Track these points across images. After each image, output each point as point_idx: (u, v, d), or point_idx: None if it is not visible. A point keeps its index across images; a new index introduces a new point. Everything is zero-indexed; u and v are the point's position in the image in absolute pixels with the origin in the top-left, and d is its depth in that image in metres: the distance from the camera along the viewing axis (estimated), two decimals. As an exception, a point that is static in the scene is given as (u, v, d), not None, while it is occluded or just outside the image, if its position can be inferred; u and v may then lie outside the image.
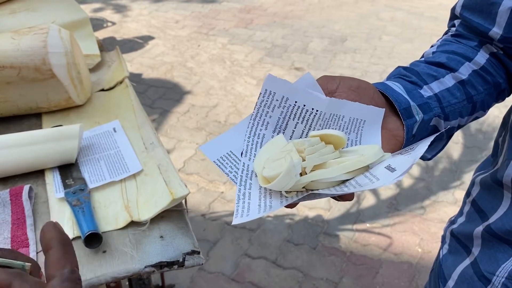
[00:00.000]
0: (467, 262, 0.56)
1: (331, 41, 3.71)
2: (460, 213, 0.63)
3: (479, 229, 0.54)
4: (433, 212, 1.98)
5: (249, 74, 3.15)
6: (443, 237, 0.65)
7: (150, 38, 3.76)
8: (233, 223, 0.38)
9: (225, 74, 3.16)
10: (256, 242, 1.81)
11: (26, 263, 0.38)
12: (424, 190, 2.12)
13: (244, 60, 3.36)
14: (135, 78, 3.07)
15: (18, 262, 0.38)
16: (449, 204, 2.02)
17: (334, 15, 4.28)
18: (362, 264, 1.72)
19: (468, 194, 0.61)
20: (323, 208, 1.98)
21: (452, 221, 0.65)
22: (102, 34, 3.78)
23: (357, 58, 3.43)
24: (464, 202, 0.63)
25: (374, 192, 2.09)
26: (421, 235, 1.85)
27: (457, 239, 0.61)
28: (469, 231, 0.57)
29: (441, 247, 0.65)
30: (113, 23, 4.05)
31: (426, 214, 1.97)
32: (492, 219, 0.52)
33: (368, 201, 2.04)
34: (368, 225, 1.91)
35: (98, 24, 4.01)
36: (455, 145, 2.41)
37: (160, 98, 2.85)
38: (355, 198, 2.05)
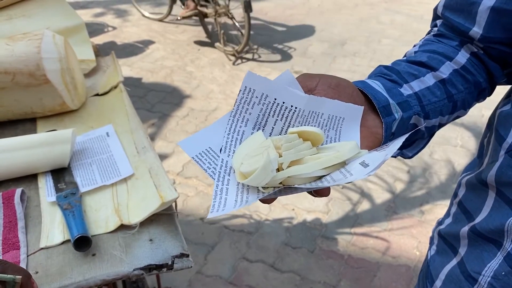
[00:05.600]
0: (454, 262, 0.57)
1: (331, 44, 3.72)
2: (447, 214, 0.63)
3: (465, 229, 0.55)
4: (431, 215, 1.98)
5: (248, 78, 3.16)
6: (431, 238, 0.66)
7: (150, 42, 3.78)
8: (208, 217, 0.38)
9: (225, 78, 3.17)
10: (254, 245, 1.81)
11: (17, 276, 0.39)
12: (422, 193, 2.11)
13: (243, 64, 3.37)
14: (135, 82, 3.08)
15: (9, 276, 0.39)
16: (447, 207, 2.01)
17: (333, 18, 4.29)
18: (360, 267, 1.72)
19: (455, 195, 0.62)
20: (321, 211, 1.99)
21: (439, 222, 0.65)
22: (102, 38, 3.80)
23: (356, 61, 3.43)
24: (451, 203, 0.63)
25: (372, 195, 2.09)
26: (419, 238, 1.85)
27: (444, 239, 0.61)
28: (456, 231, 0.57)
29: (429, 248, 0.65)
30: (114, 28, 4.08)
31: (424, 217, 1.97)
32: (478, 219, 0.53)
33: (366, 204, 2.04)
34: (366, 228, 1.91)
35: (98, 29, 4.03)
36: (454, 148, 2.40)
37: (159, 102, 2.86)
38: (353, 201, 2.05)
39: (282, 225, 1.91)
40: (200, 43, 3.76)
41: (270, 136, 0.43)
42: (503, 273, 0.48)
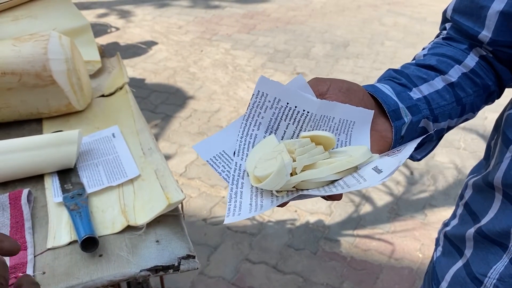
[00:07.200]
0: (459, 264, 0.57)
1: (334, 46, 3.72)
2: (453, 215, 0.63)
3: (471, 231, 0.55)
4: (434, 217, 1.98)
5: (251, 79, 3.16)
6: (437, 240, 0.66)
7: (153, 43, 3.78)
8: (224, 223, 0.39)
9: (228, 79, 3.17)
10: (256, 246, 1.81)
11: None
12: (425, 196, 2.11)
13: (246, 65, 3.37)
14: (138, 83, 3.09)
15: None
16: (450, 210, 2.02)
17: (336, 20, 4.30)
18: (363, 269, 1.72)
19: (461, 196, 0.62)
20: (324, 213, 1.99)
21: (445, 224, 0.65)
22: (105, 39, 3.81)
23: (359, 63, 3.43)
24: (457, 205, 0.63)
25: (375, 197, 2.09)
26: (422, 240, 1.85)
27: (450, 241, 0.61)
28: (462, 233, 0.57)
29: (435, 250, 0.65)
30: (117, 29, 4.08)
31: (427, 219, 1.97)
32: (484, 221, 0.53)
33: (369, 206, 2.04)
34: (369, 230, 1.91)
35: (102, 29, 4.04)
36: (457, 151, 2.40)
37: (162, 103, 2.86)
38: (355, 203, 2.05)
39: (285, 227, 1.91)
40: (203, 44, 3.77)
41: (282, 139, 0.44)
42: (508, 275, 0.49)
